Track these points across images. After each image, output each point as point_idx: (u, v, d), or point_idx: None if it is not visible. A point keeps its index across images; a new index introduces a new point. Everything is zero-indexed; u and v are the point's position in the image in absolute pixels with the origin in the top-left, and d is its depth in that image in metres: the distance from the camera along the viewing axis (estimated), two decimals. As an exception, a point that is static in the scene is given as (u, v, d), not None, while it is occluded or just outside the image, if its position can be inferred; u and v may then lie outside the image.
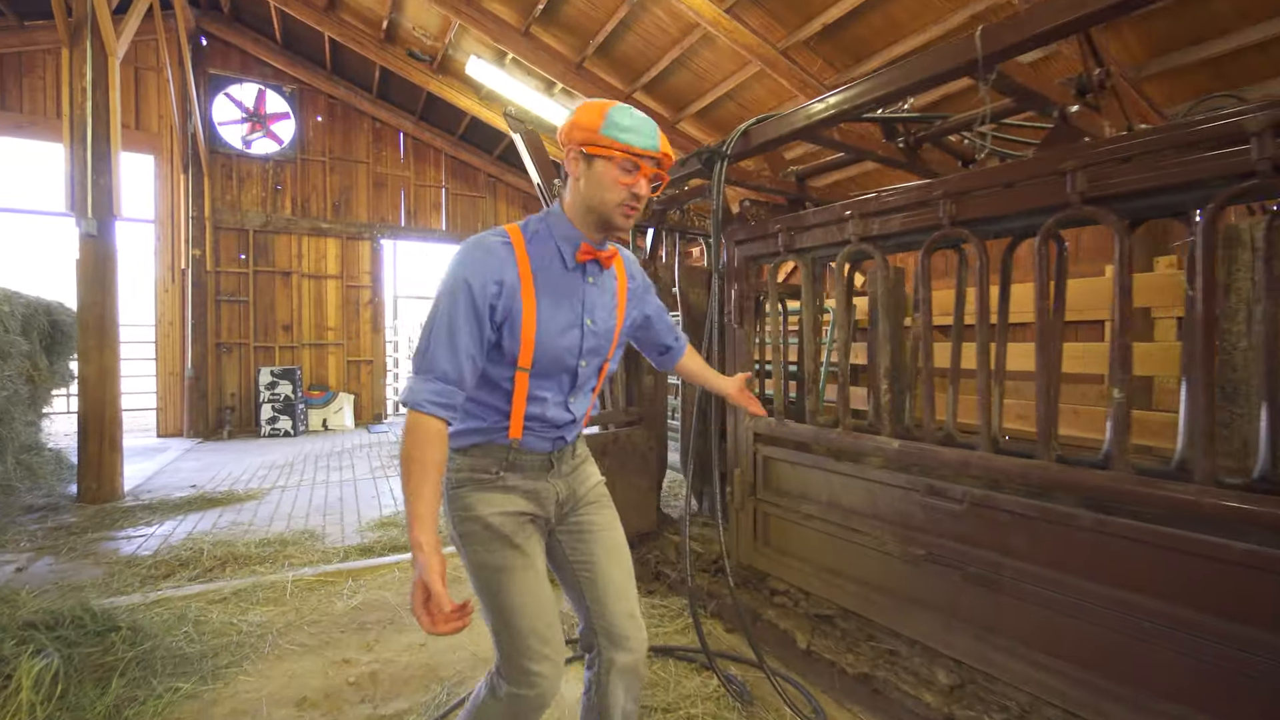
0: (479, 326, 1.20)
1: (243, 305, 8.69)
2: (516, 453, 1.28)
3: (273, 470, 6.09)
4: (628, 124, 1.19)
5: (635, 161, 1.20)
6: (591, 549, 1.38)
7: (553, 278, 1.27)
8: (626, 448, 3.34)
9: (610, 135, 1.18)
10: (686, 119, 7.24)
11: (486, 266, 1.21)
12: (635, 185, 1.22)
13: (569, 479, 1.39)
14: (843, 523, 2.42)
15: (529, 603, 1.26)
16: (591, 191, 1.23)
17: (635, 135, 1.19)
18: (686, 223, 3.77)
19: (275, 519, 4.38)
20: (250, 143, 8.77)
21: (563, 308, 1.27)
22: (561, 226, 1.28)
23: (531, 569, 1.28)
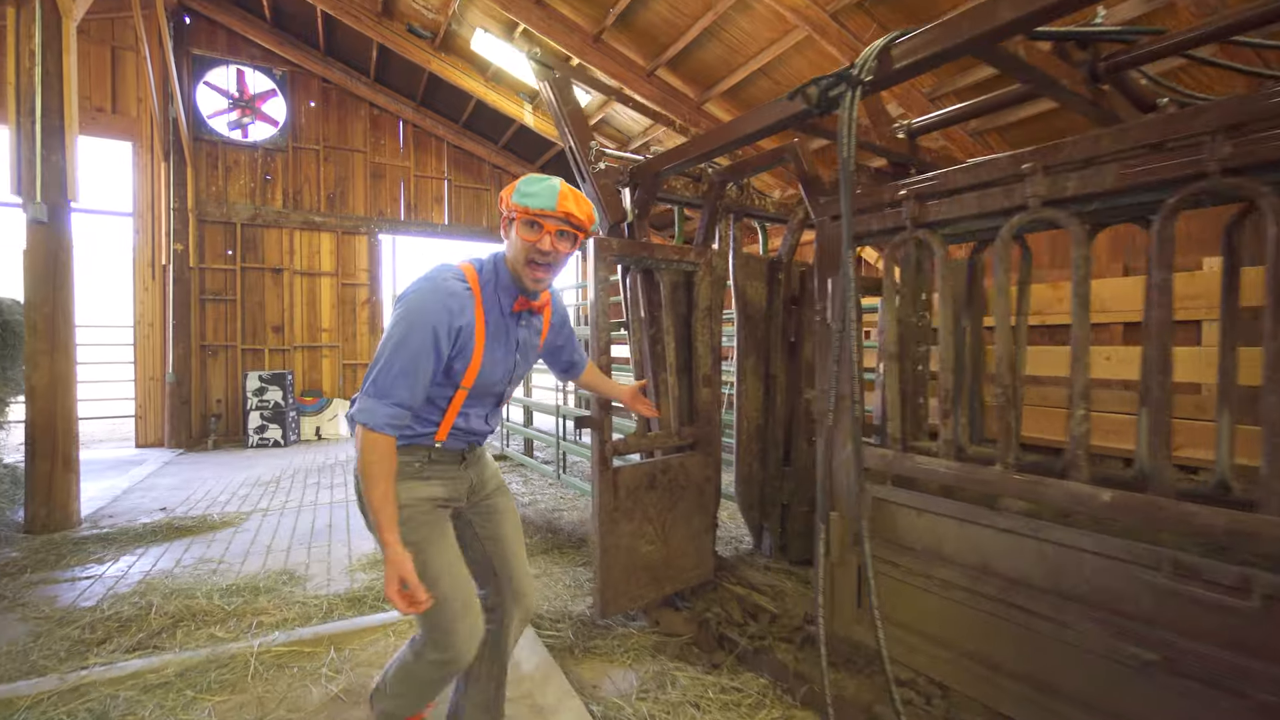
0: (436, 363, 1.40)
1: (229, 304, 8.04)
2: (438, 451, 1.52)
3: (256, 488, 5.43)
4: (530, 190, 1.40)
5: (536, 220, 1.40)
6: (500, 527, 1.68)
7: (497, 326, 1.50)
8: (679, 479, 2.67)
9: (516, 200, 1.40)
10: (713, 99, 6.58)
11: (451, 312, 1.39)
12: (539, 242, 1.41)
13: (476, 468, 1.65)
14: (1004, 597, 1.76)
15: (449, 570, 1.46)
16: (510, 253, 1.47)
17: (534, 199, 1.39)
18: (746, 201, 3.11)
19: (251, 554, 3.72)
20: (238, 129, 8.12)
21: (501, 346, 1.51)
22: (504, 277, 1.50)
23: (446, 542, 1.50)
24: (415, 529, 1.43)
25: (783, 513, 3.23)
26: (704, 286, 2.72)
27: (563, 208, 1.39)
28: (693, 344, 2.73)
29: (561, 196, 1.40)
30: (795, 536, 3.19)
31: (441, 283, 1.39)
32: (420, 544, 1.42)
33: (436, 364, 1.38)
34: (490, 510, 1.67)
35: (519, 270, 1.44)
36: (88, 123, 7.32)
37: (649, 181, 2.58)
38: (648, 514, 2.56)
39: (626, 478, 2.48)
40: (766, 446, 3.22)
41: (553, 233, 1.41)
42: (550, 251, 1.42)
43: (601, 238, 2.37)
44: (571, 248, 1.47)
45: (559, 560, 3.60)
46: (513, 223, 1.42)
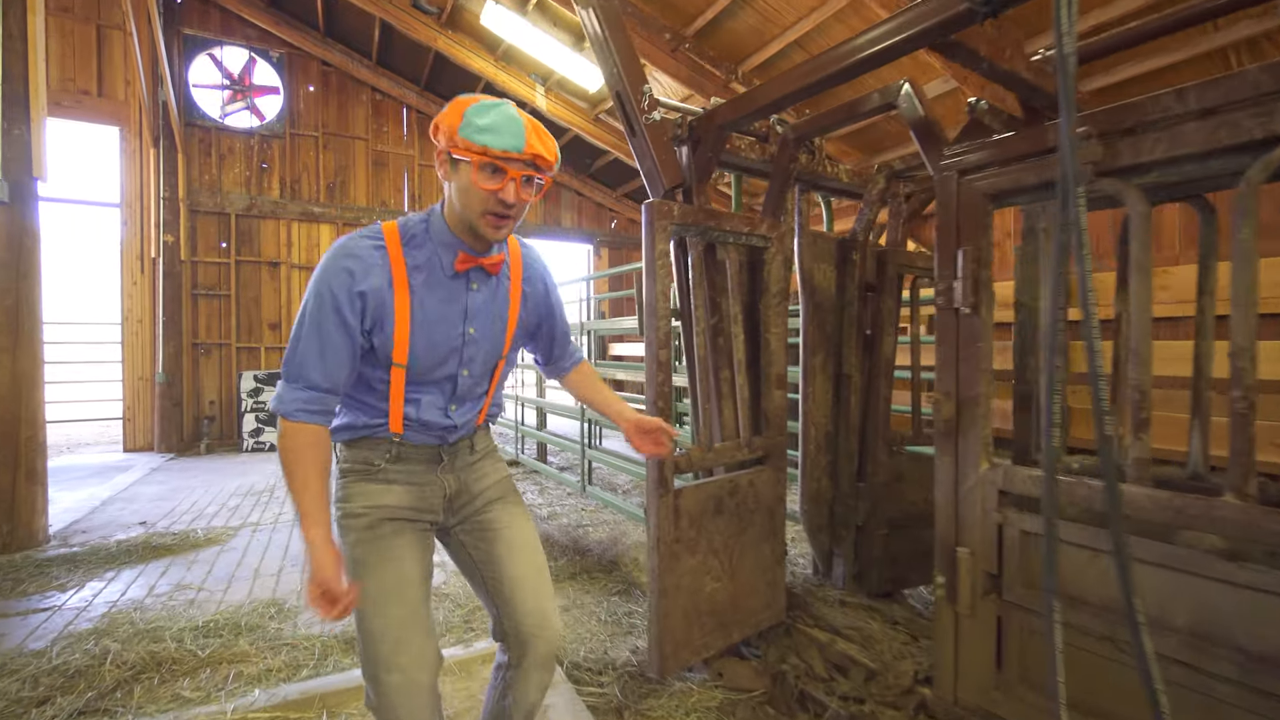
0: (347, 335, 1.15)
1: (223, 300, 7.58)
2: (403, 448, 1.25)
3: (247, 499, 4.96)
4: (486, 123, 1.07)
5: (498, 165, 1.09)
6: (494, 548, 1.33)
7: (433, 283, 1.20)
8: (748, 501, 2.19)
9: (467, 136, 1.08)
10: (743, 77, 6.10)
11: (351, 274, 1.13)
12: (501, 191, 1.11)
13: (461, 474, 1.33)
14: (1246, 679, 1.27)
15: (383, 600, 1.18)
16: (457, 198, 1.15)
17: (494, 135, 1.07)
18: (817, 169, 2.63)
19: (235, 579, 3.25)
20: (232, 114, 7.66)
21: (442, 315, 1.21)
22: (440, 231, 1.20)
23: (391, 564, 1.21)
24: (359, 545, 1.20)
25: (857, 536, 2.74)
26: (775, 266, 2.24)
27: (530, 149, 1.10)
28: (762, 336, 2.25)
29: (530, 133, 1.11)
30: (873, 564, 2.70)
31: (342, 245, 1.16)
32: (358, 563, 1.19)
33: (347, 336, 1.14)
34: (484, 526, 1.34)
35: (474, 221, 1.15)
36: (72, 106, 6.88)
37: (713, 137, 2.10)
38: (713, 545, 2.08)
39: (690, 502, 2.00)
40: (838, 458, 2.74)
41: (518, 179, 1.12)
42: (515, 204, 1.14)
43: (659, 201, 1.89)
44: (537, 196, 1.19)
45: (589, 587, 3.12)
46: (459, 164, 1.13)
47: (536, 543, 1.39)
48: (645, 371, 1.92)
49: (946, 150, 1.76)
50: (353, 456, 1.24)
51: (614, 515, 4.36)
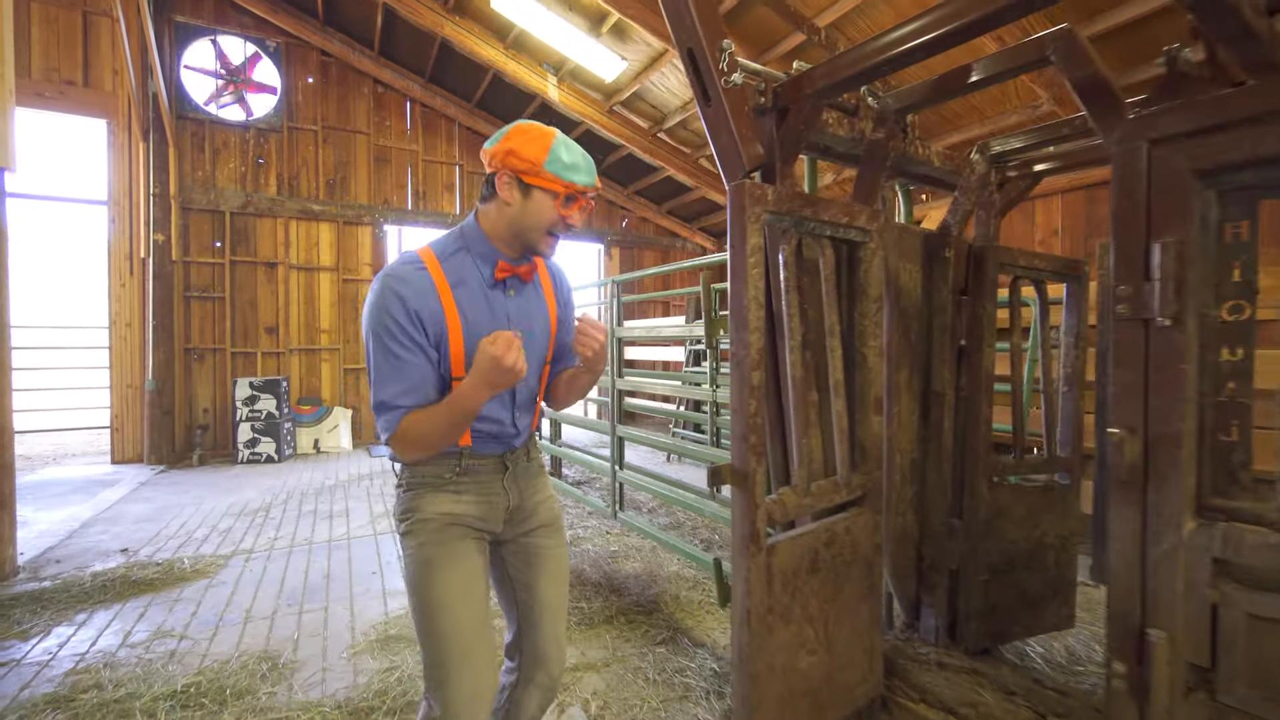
0: (421, 353, 1.21)
1: (217, 302, 7.18)
2: (470, 458, 1.31)
3: (241, 518, 4.56)
4: (571, 161, 1.23)
5: (576, 197, 1.26)
6: (536, 574, 1.40)
7: (474, 294, 1.27)
8: (844, 552, 1.79)
9: (554, 171, 1.21)
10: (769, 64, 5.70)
11: (403, 299, 1.19)
12: (571, 217, 1.28)
13: (521, 485, 1.39)
14: None
15: (453, 602, 1.22)
16: (525, 220, 1.25)
17: (579, 174, 1.24)
18: (910, 151, 2.23)
19: (223, 623, 2.84)
20: (227, 107, 7.25)
21: (488, 324, 1.27)
22: (478, 243, 1.29)
23: (464, 568, 1.26)
24: (429, 545, 1.26)
25: (951, 582, 2.34)
26: (875, 266, 1.84)
27: (598, 184, 1.32)
28: (858, 351, 1.85)
29: (594, 170, 1.30)
30: (972, 617, 2.30)
31: (386, 275, 1.22)
32: (431, 562, 1.25)
33: (422, 354, 1.21)
34: (529, 551, 1.42)
35: (535, 239, 1.28)
36: (55, 97, 6.47)
37: (805, 107, 1.70)
38: (808, 610, 1.68)
39: (784, 559, 1.60)
40: (926, 491, 2.34)
41: (581, 208, 1.30)
42: (575, 226, 1.31)
43: (752, 183, 1.49)
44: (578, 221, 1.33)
45: (628, 634, 2.72)
46: (533, 190, 1.24)
47: (567, 571, 1.48)
48: (731, 399, 1.52)
49: (1132, 113, 1.36)
50: (421, 472, 1.29)
51: (643, 540, 3.96)
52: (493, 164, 1.25)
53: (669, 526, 4.35)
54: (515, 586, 1.41)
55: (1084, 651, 2.64)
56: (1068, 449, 2.52)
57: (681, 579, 3.31)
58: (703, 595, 3.12)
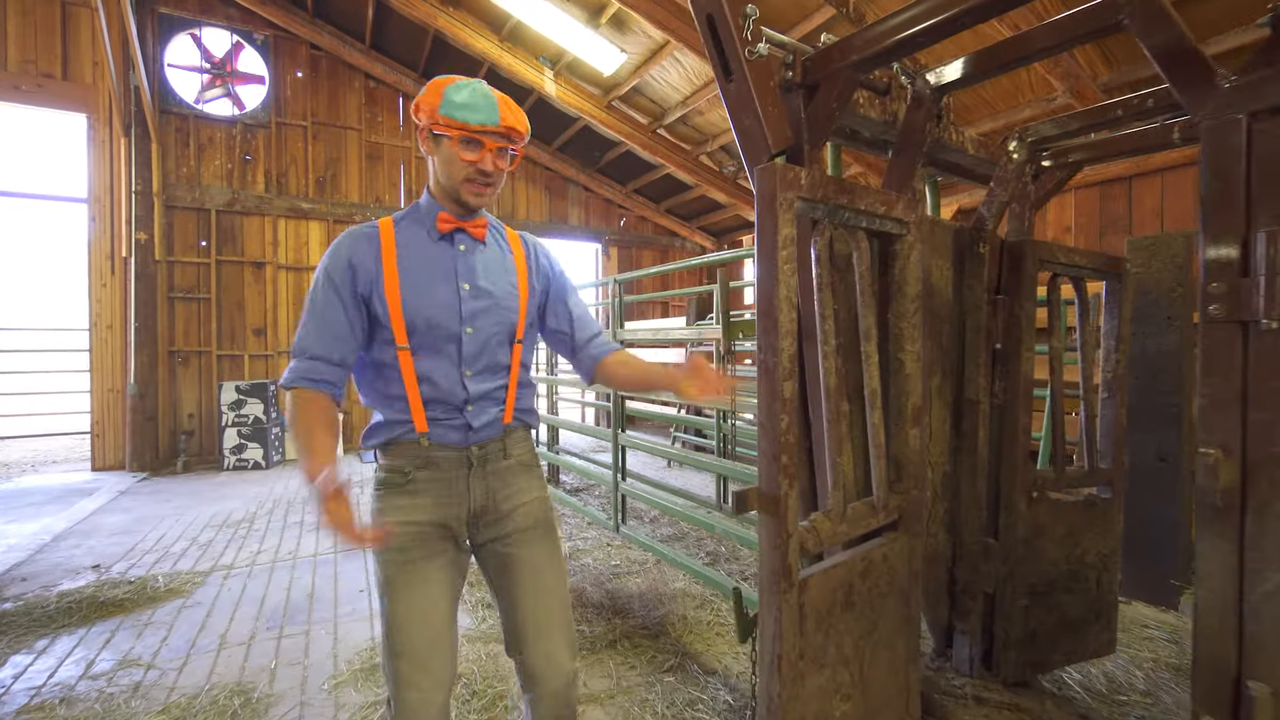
0: (340, 304, 1.22)
1: (202, 303, 6.94)
2: (431, 449, 1.26)
3: (223, 531, 4.34)
4: (462, 100, 1.19)
5: (475, 138, 1.20)
6: (513, 586, 1.32)
7: (420, 251, 1.27)
8: (880, 583, 1.59)
9: (447, 114, 1.18)
10: (774, 57, 5.51)
11: (341, 251, 1.23)
12: (480, 162, 1.22)
13: (490, 485, 1.30)
14: None
15: (408, 623, 1.20)
16: (440, 170, 1.25)
17: (471, 112, 1.18)
18: (944, 136, 2.04)
19: (196, 650, 2.63)
20: (212, 102, 7.02)
21: (430, 273, 1.26)
22: (427, 204, 1.30)
23: (419, 589, 1.22)
24: (386, 564, 1.22)
25: (987, 607, 2.15)
26: (912, 262, 1.65)
27: (505, 122, 1.22)
28: (893, 357, 1.66)
29: (503, 107, 1.23)
30: (1011, 645, 2.11)
31: (343, 233, 1.27)
32: (390, 582, 1.21)
33: (340, 305, 1.22)
34: (503, 562, 1.33)
35: (457, 189, 1.24)
36: (32, 91, 6.23)
37: (838, 83, 1.51)
38: (842, 651, 1.49)
39: (817, 595, 1.41)
40: (959, 507, 2.15)
41: (493, 150, 1.23)
42: (493, 172, 1.24)
43: (784, 165, 1.29)
44: (511, 165, 1.29)
45: (634, 660, 2.52)
46: (440, 139, 1.22)
47: (560, 581, 1.36)
48: (760, 412, 1.33)
49: (1228, 82, 1.17)
50: (386, 466, 1.27)
51: (645, 552, 3.76)
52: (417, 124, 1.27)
53: (672, 538, 4.16)
54: (496, 595, 1.36)
55: (1124, 678, 2.45)
56: (1108, 460, 2.34)
57: (688, 597, 3.12)
58: (712, 615, 2.92)
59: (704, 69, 6.00)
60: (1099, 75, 4.65)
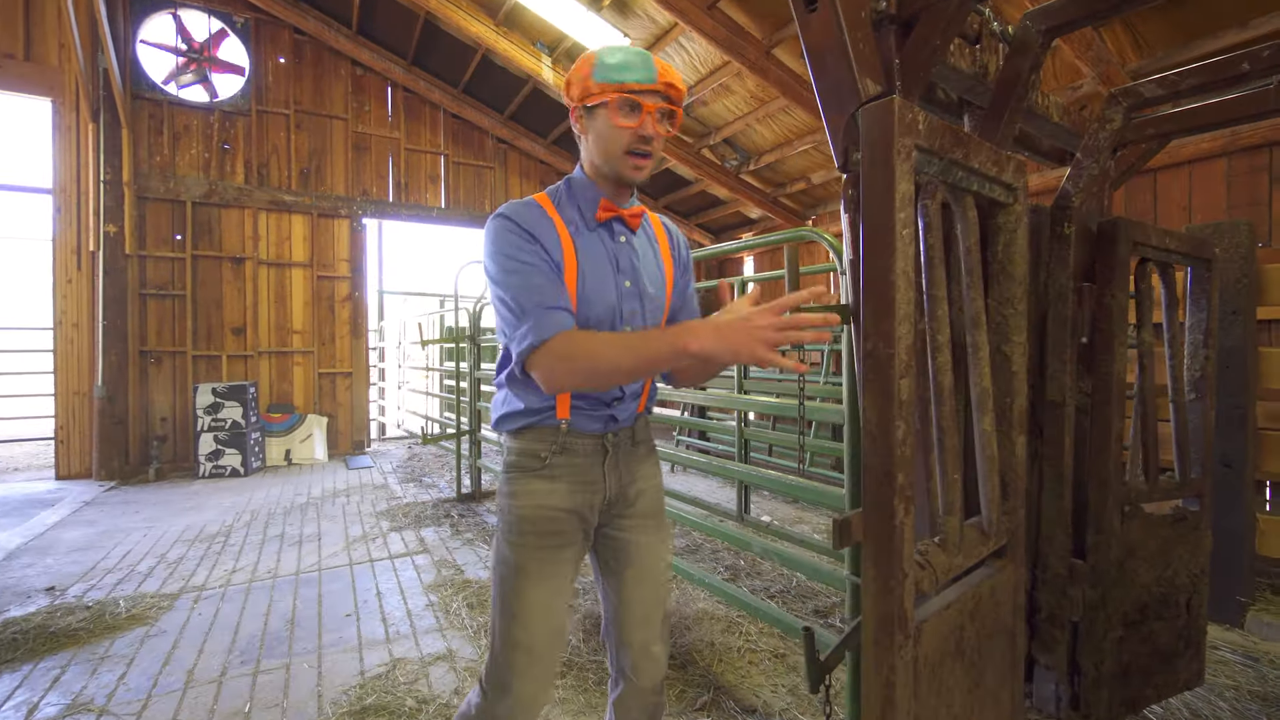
0: (552, 267, 1.12)
1: (177, 301, 6.55)
2: (567, 435, 1.20)
3: (196, 545, 3.98)
4: (617, 61, 1.12)
5: (634, 100, 1.12)
6: (623, 572, 1.28)
7: (585, 240, 1.19)
8: (987, 623, 1.32)
9: (602, 78, 1.12)
10: (783, 43, 5.27)
11: (524, 224, 1.13)
12: (641, 127, 1.13)
13: (621, 473, 1.26)
14: None
15: (534, 615, 1.17)
16: (599, 145, 1.17)
17: (629, 71, 1.12)
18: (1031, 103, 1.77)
19: (159, 689, 2.30)
20: (188, 87, 6.64)
21: (594, 267, 1.18)
22: (582, 186, 1.22)
23: (549, 580, 1.18)
24: (524, 550, 1.17)
25: (1073, 638, 1.89)
26: (1020, 237, 1.38)
27: (664, 78, 1.13)
28: (997, 351, 1.39)
29: (659, 64, 1.14)
30: (1104, 682, 1.85)
31: (500, 215, 1.14)
32: (521, 570, 1.16)
33: (552, 269, 1.11)
34: (619, 546, 1.27)
35: (617, 165, 1.15)
36: (-8, 71, 5.82)
37: (943, 15, 1.24)
38: (953, 711, 1.21)
39: (930, 646, 1.13)
40: (1040, 525, 1.88)
41: (653, 112, 1.13)
42: (653, 137, 1.14)
43: (902, 103, 1.01)
44: (671, 131, 1.20)
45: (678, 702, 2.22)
46: (595, 110, 1.14)
47: (665, 572, 1.33)
48: (866, 418, 1.04)
49: None
50: (519, 449, 1.21)
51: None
52: (569, 105, 1.20)
53: (686, 550, 3.87)
54: (603, 577, 1.31)
55: (1208, 710, 2.21)
56: (1198, 468, 2.09)
57: (713, 619, 2.83)
58: (741, 640, 2.64)
59: (711, 55, 5.74)
60: (1128, 61, 4.45)
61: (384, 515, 4.65)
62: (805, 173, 7.39)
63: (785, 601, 3.05)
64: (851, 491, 1.78)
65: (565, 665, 2.41)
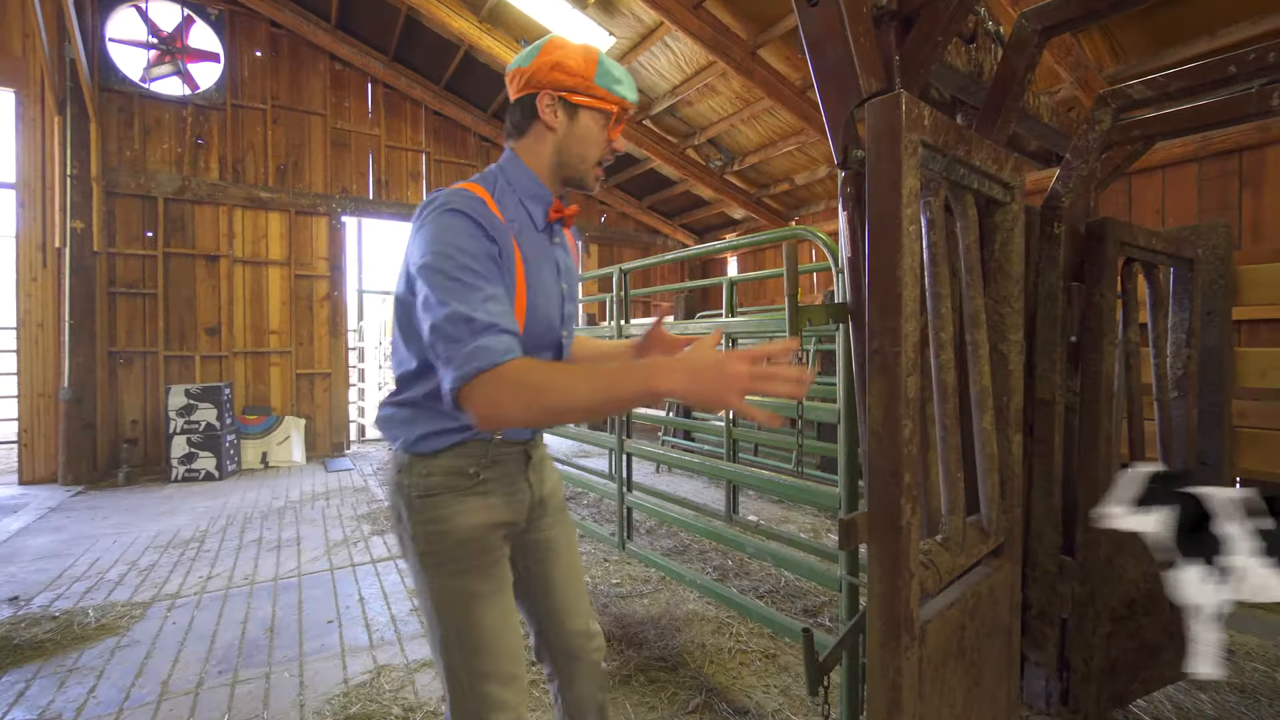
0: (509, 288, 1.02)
1: (148, 299, 6.36)
2: (499, 447, 1.14)
3: (168, 552, 3.86)
4: (620, 75, 1.11)
5: (620, 117, 1.13)
6: (551, 570, 1.27)
7: (528, 240, 1.11)
8: (986, 621, 1.32)
9: (606, 86, 1.09)
10: (769, 44, 5.29)
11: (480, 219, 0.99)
12: (616, 142, 1.15)
13: (538, 471, 1.24)
14: None
15: (498, 639, 1.08)
16: (573, 146, 1.11)
17: (627, 88, 1.12)
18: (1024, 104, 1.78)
19: (130, 705, 2.21)
20: (161, 80, 6.45)
21: (544, 276, 1.13)
22: (527, 184, 1.12)
23: (502, 598, 1.11)
24: (471, 575, 1.07)
25: (1062, 634, 1.90)
26: (1016, 236, 1.39)
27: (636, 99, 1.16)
28: (996, 350, 1.39)
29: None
30: (1093, 677, 1.86)
31: (451, 206, 0.99)
32: (475, 596, 1.07)
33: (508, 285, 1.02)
34: (542, 548, 1.25)
35: (585, 171, 1.13)
36: (-49, 60, 5.59)
37: (947, 9, 1.23)
38: (954, 711, 1.20)
39: (934, 646, 1.12)
40: (1030, 522, 1.89)
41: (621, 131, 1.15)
42: (619, 151, 1.17)
43: (909, 98, 1.00)
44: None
45: (652, 700, 2.20)
46: (580, 110, 1.09)
47: (579, 558, 1.34)
48: (873, 417, 1.03)
49: None
50: (444, 468, 1.09)
51: (647, 568, 3.45)
52: (530, 84, 1.08)
53: (673, 551, 3.85)
54: (532, 585, 1.26)
55: (1190, 704, 2.25)
56: (1181, 464, 2.13)
57: (703, 620, 2.81)
58: (732, 641, 2.63)
59: (696, 55, 5.74)
60: (1105, 67, 4.54)
61: (365, 518, 4.56)
62: (789, 174, 7.43)
63: (774, 601, 3.04)
64: (847, 491, 1.77)
65: (555, 670, 2.37)
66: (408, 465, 1.09)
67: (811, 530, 4.19)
